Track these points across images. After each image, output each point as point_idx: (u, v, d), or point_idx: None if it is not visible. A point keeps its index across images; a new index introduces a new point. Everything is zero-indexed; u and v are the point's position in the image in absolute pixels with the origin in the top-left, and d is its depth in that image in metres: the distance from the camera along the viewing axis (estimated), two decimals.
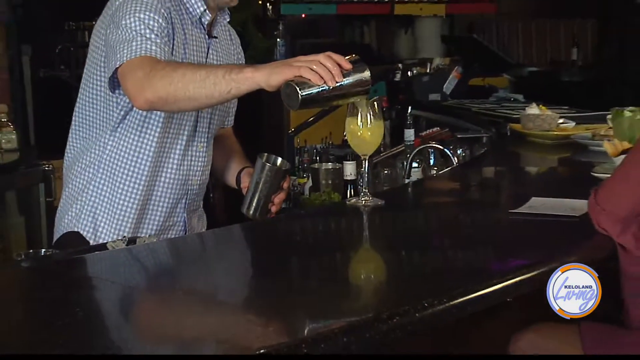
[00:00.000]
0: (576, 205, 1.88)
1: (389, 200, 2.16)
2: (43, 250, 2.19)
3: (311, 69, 1.80)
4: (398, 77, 4.99)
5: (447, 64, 5.14)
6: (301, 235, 2.00)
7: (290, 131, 4.72)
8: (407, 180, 2.92)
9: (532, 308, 1.92)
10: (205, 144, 2.28)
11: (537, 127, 3.10)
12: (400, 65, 5.18)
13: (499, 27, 8.26)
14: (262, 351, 1.13)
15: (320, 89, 1.81)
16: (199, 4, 2.16)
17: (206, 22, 2.21)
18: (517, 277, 1.52)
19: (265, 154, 2.18)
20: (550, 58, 8.40)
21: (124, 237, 2.11)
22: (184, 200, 2.27)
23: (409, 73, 4.99)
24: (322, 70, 1.81)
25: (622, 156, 1.99)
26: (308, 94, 1.80)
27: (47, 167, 4.00)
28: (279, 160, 2.19)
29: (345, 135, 2.08)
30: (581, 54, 8.29)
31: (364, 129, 2.02)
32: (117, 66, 1.95)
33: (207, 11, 2.18)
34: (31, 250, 2.25)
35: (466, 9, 7.69)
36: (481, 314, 1.45)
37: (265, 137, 6.15)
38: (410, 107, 3.61)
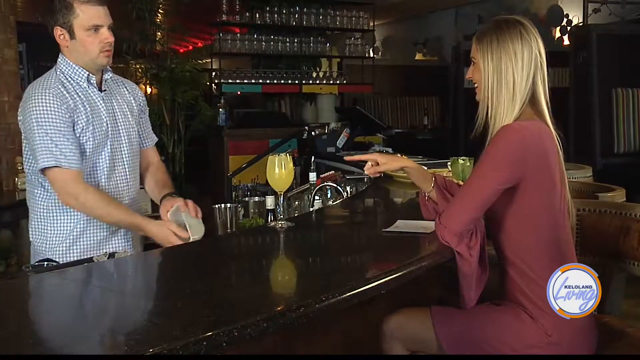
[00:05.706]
0: (427, 225, 1.89)
1: (298, 223, 2.15)
2: (45, 263, 2.13)
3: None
4: (305, 135, 4.99)
5: (339, 127, 5.18)
6: (237, 248, 1.95)
7: (229, 174, 4.67)
8: (311, 209, 2.91)
9: (399, 297, 1.92)
10: (127, 169, 2.23)
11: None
12: (306, 127, 5.19)
13: (375, 101, 8.42)
14: (206, 335, 1.09)
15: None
16: (83, 72, 2.14)
17: (94, 81, 2.18)
18: (388, 276, 1.50)
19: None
20: (409, 123, 8.61)
21: (106, 252, 2.03)
22: None
23: (312, 133, 5.00)
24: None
25: None
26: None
27: None
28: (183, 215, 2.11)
29: (267, 177, 2.05)
30: (429, 121, 8.54)
31: (280, 172, 2.01)
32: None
33: (91, 74, 2.16)
34: (36, 263, 2.19)
35: (351, 89, 7.88)
36: (363, 302, 1.43)
37: (212, 179, 6.08)
38: (313, 157, 3.60)
